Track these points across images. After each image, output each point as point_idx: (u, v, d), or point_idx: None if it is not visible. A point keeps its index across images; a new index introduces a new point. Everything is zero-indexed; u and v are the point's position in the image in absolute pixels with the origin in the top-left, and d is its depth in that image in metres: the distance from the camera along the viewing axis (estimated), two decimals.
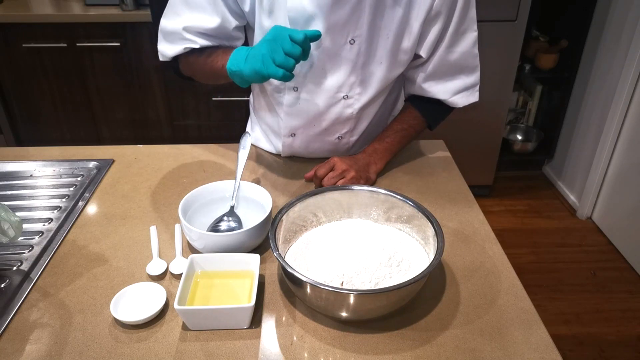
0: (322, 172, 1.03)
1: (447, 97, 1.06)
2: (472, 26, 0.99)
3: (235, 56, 0.87)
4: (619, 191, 2.32)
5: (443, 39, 0.99)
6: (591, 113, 2.47)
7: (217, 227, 0.89)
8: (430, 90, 1.06)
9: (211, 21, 0.96)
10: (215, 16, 0.96)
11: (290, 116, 1.07)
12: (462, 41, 1.00)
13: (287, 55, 0.80)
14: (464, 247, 0.90)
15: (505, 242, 1.27)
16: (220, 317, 0.71)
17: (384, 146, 1.09)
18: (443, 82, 1.05)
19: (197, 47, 0.99)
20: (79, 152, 1.21)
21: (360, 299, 0.68)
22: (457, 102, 1.07)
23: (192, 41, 0.98)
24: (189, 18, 0.97)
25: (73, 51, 2.28)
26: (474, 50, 1.02)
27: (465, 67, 1.04)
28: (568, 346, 1.83)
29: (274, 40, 0.80)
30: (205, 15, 0.96)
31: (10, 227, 0.79)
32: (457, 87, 1.05)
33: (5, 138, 2.47)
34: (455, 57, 1.01)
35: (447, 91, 1.06)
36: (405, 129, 1.11)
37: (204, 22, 0.96)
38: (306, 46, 0.81)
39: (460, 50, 1.01)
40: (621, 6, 2.22)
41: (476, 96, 1.08)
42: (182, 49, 0.99)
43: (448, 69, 1.03)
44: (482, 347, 0.70)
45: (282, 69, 0.80)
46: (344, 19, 0.92)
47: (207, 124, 2.50)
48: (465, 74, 1.05)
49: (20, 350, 0.70)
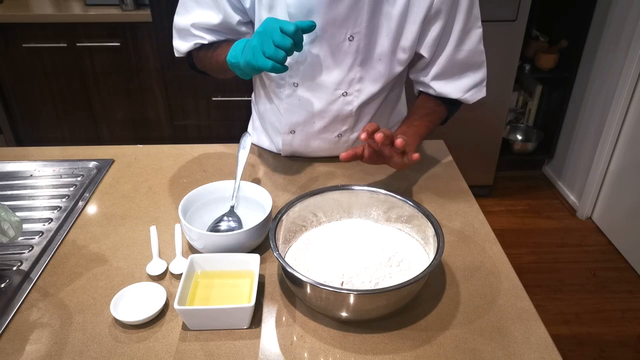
0: (360, 149, 0.89)
1: (460, 95, 1.06)
2: (477, 23, 1.00)
3: (235, 48, 0.88)
4: (619, 191, 2.32)
5: (449, 39, 0.99)
6: (591, 113, 2.47)
7: (217, 227, 0.89)
8: (442, 90, 1.06)
9: (214, 17, 0.99)
10: (218, 12, 0.98)
11: (290, 112, 1.07)
12: (469, 39, 1.01)
13: (277, 47, 0.80)
14: (464, 247, 0.90)
15: (505, 242, 1.27)
16: (220, 317, 0.71)
17: (413, 130, 1.01)
18: (453, 81, 1.05)
19: (206, 42, 1.02)
20: (79, 152, 1.21)
21: (360, 299, 0.68)
22: (468, 99, 1.07)
23: (201, 37, 1.02)
24: (195, 14, 1.00)
25: (73, 51, 2.28)
26: (479, 47, 1.03)
27: (472, 65, 1.04)
28: (568, 346, 1.83)
29: (264, 32, 0.81)
30: (209, 12, 0.99)
31: (10, 227, 0.79)
32: (467, 84, 1.06)
33: (5, 138, 2.47)
34: (463, 55, 1.02)
35: (458, 90, 1.06)
36: (430, 114, 1.06)
37: (208, 18, 1.00)
38: (298, 38, 0.80)
39: (467, 48, 1.01)
40: (621, 6, 2.22)
41: (484, 92, 1.09)
42: (193, 44, 1.03)
43: (456, 68, 1.04)
44: (482, 347, 0.70)
45: (272, 60, 0.80)
46: (343, 15, 0.92)
47: (207, 124, 2.50)
48: (472, 71, 1.05)
49: (20, 350, 0.70)
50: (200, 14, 1.00)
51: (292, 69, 1.00)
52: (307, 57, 0.98)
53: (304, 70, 1.00)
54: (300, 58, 0.98)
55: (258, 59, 0.81)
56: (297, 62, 0.99)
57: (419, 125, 1.02)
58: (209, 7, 0.99)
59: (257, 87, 1.17)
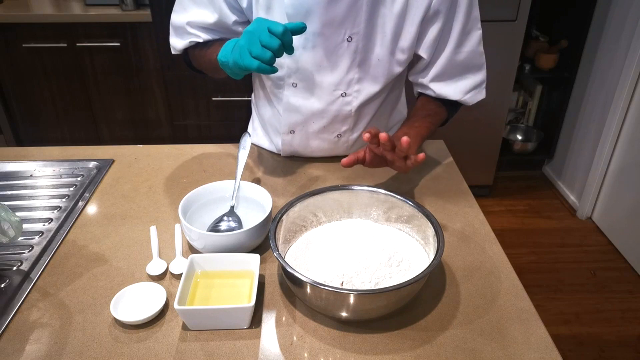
0: (362, 154, 0.90)
1: (459, 97, 1.06)
2: (477, 25, 1.00)
3: (225, 47, 0.88)
4: (619, 191, 2.32)
5: (448, 40, 0.99)
6: (591, 113, 2.47)
7: (217, 227, 0.89)
8: (441, 92, 1.06)
9: (210, 16, 1.00)
10: (213, 11, 0.99)
11: (289, 113, 1.07)
12: (469, 41, 1.00)
13: (265, 47, 0.79)
14: (464, 247, 0.90)
15: (505, 242, 1.27)
16: (220, 317, 0.71)
17: (414, 131, 1.01)
18: (453, 83, 1.05)
19: (201, 40, 1.03)
20: (79, 152, 1.21)
21: (360, 299, 0.68)
22: (467, 100, 1.07)
23: (196, 35, 1.03)
24: (192, 13, 1.01)
25: (73, 51, 2.28)
26: (479, 48, 1.03)
27: (472, 66, 1.04)
28: (568, 346, 1.83)
29: (252, 32, 0.81)
30: (204, 10, 1.00)
31: (10, 227, 0.79)
32: (467, 86, 1.06)
33: (5, 138, 2.47)
34: (463, 57, 1.02)
35: (458, 91, 1.06)
36: (431, 115, 1.07)
37: (204, 17, 1.00)
38: (287, 39, 0.80)
39: (467, 50, 1.01)
40: (621, 6, 2.22)
41: (484, 93, 1.09)
42: (188, 42, 1.04)
43: (456, 69, 1.03)
44: (482, 347, 0.70)
45: (258, 60, 0.80)
46: (341, 15, 0.92)
47: (207, 124, 2.50)
48: (472, 72, 1.05)
49: (20, 350, 0.70)
50: (197, 12, 1.00)
51: (290, 70, 1.00)
52: (305, 58, 0.98)
53: (302, 71, 1.00)
54: (300, 59, 0.98)
55: (244, 58, 0.81)
56: (295, 62, 0.99)
57: (420, 126, 1.02)
58: (205, 6, 0.99)
59: (256, 89, 1.17)
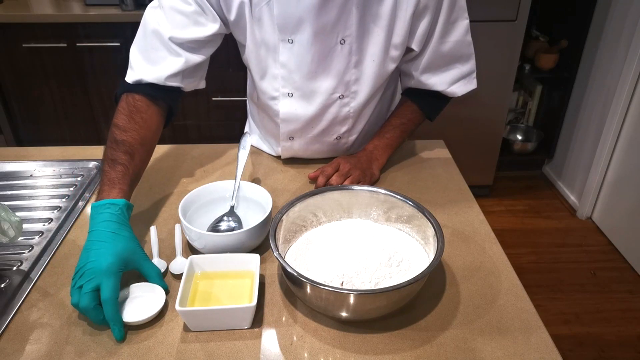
0: (329, 171, 1.03)
1: (445, 87, 1.06)
2: (463, 14, 0.99)
3: (93, 212, 0.81)
4: (619, 191, 2.32)
5: (434, 31, 0.99)
6: (591, 113, 2.47)
7: (217, 227, 0.89)
8: (428, 82, 1.06)
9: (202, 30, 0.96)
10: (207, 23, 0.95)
11: (287, 122, 1.07)
12: (454, 30, 1.00)
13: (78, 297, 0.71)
14: (464, 247, 0.90)
15: (505, 242, 1.27)
16: (222, 318, 0.71)
17: (384, 142, 1.10)
18: (439, 73, 1.05)
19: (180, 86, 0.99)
20: (79, 152, 1.21)
21: (360, 299, 0.68)
22: (456, 91, 1.07)
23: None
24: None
25: (73, 51, 2.28)
26: (467, 38, 1.02)
27: (460, 56, 1.04)
28: (568, 346, 1.83)
29: (80, 264, 0.74)
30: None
31: (10, 227, 0.79)
32: (454, 76, 1.06)
33: (5, 138, 2.47)
34: (449, 47, 1.01)
35: (445, 82, 1.06)
36: (404, 124, 1.11)
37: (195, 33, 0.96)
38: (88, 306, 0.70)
39: (453, 39, 1.01)
40: (621, 6, 2.22)
41: (474, 83, 1.09)
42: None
43: (443, 60, 1.03)
44: (482, 347, 0.70)
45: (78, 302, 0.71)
46: (333, 20, 0.92)
47: (207, 124, 2.50)
48: (460, 62, 1.05)
49: (20, 350, 0.70)
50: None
51: (285, 81, 1.00)
52: (299, 66, 0.97)
53: (298, 80, 0.99)
54: (293, 68, 0.97)
55: (73, 295, 0.72)
56: (289, 73, 0.98)
57: (391, 137, 1.11)
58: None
59: (251, 104, 1.18)
